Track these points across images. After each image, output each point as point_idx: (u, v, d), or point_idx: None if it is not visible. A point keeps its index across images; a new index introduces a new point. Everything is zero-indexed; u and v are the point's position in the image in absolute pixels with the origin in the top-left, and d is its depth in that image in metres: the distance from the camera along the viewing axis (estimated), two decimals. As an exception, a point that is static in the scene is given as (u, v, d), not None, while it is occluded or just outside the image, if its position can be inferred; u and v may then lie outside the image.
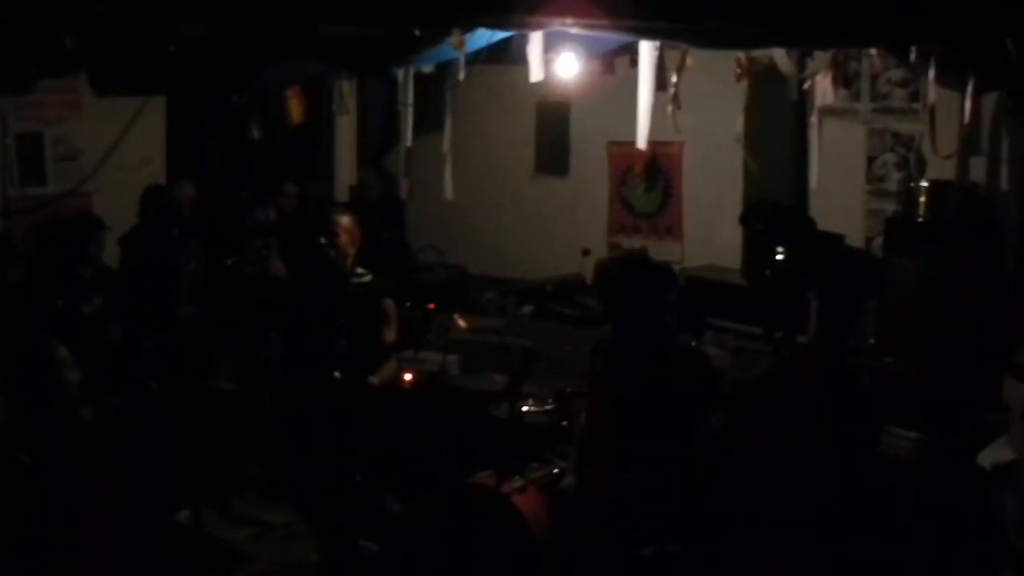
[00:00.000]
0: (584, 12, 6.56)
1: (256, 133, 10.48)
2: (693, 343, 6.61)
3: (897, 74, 9.17)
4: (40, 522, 6.06)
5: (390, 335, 8.37)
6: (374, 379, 8.09)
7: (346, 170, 11.54)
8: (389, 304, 8.35)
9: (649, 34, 7.26)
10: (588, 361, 6.36)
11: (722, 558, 5.03)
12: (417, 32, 7.37)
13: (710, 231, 10.38)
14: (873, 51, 8.38)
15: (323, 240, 7.90)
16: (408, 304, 9.18)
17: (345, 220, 8.06)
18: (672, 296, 6.06)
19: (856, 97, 9.38)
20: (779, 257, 8.43)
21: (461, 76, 8.21)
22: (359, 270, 8.26)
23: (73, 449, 6.42)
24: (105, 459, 6.82)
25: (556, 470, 6.64)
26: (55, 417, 6.45)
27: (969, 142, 8.21)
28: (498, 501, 6.48)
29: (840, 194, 9.33)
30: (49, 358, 6.47)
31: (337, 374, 7.86)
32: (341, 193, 11.40)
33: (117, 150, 9.80)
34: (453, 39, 7.54)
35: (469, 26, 7.32)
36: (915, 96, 9.08)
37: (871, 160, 9.43)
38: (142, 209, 9.21)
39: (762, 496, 2.85)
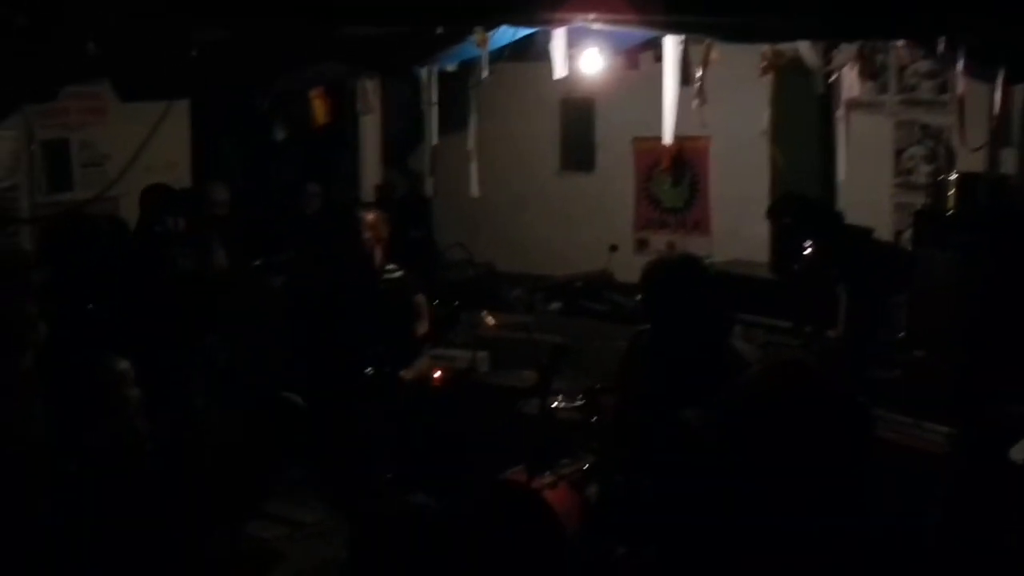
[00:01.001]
0: (608, 8, 6.53)
1: (280, 135, 10.50)
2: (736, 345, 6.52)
3: (925, 66, 9.12)
4: (88, 533, 6.07)
5: (423, 329, 8.39)
6: (406, 374, 8.12)
7: (371, 170, 11.55)
8: (420, 299, 8.39)
9: (673, 28, 7.23)
10: (624, 355, 6.30)
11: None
12: (440, 31, 7.35)
13: (738, 226, 10.35)
14: (900, 43, 8.32)
15: (350, 240, 7.95)
16: (436, 302, 9.20)
17: (370, 217, 8.12)
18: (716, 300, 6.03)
19: (883, 89, 9.34)
20: (807, 251, 8.38)
21: (485, 74, 8.19)
22: (390, 266, 8.30)
23: (129, 462, 6.44)
24: (161, 469, 6.85)
25: (587, 466, 6.63)
26: (111, 430, 6.48)
27: (999, 134, 8.15)
28: (529, 497, 6.48)
29: (868, 187, 9.29)
30: (107, 371, 6.47)
31: (369, 370, 7.89)
32: (367, 193, 11.41)
33: (142, 154, 9.82)
34: (476, 37, 7.53)
35: (492, 24, 7.30)
36: (943, 88, 9.02)
37: (899, 153, 9.39)
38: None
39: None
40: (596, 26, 7.06)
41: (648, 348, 5.98)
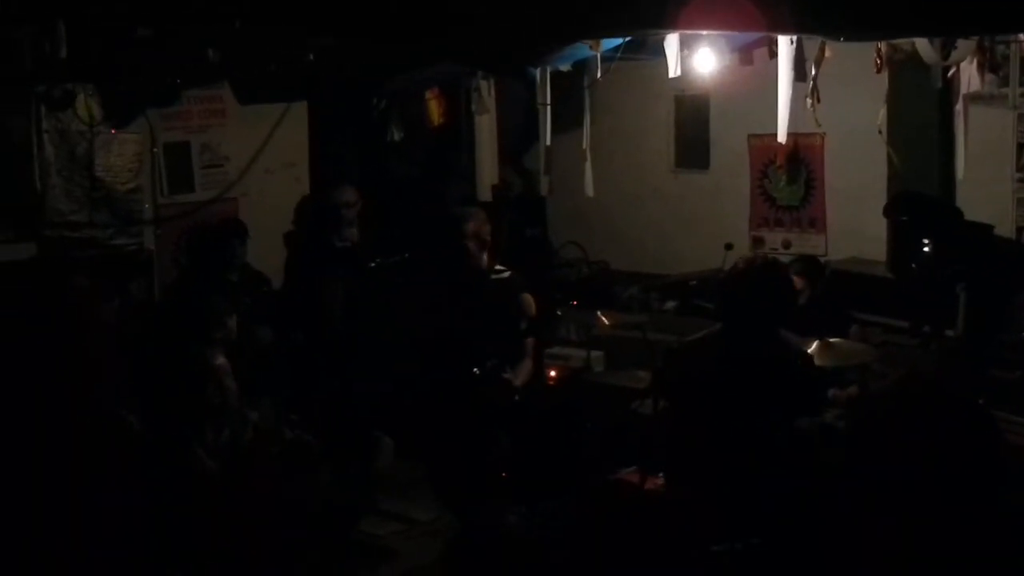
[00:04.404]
0: (717, 23, 6.53)
1: (396, 135, 10.62)
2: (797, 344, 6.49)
3: (1047, 56, 8.95)
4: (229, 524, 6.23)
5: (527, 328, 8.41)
6: (512, 377, 8.14)
7: (488, 169, 11.58)
8: (527, 299, 8.41)
9: (785, 29, 7.19)
10: (676, 364, 6.31)
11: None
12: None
13: (854, 223, 10.23)
14: (1021, 35, 8.17)
15: (457, 245, 8.04)
16: (556, 298, 9.25)
17: (472, 225, 8.21)
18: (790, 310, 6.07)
19: (1004, 82, 9.14)
20: (925, 249, 8.27)
21: (598, 75, 8.24)
22: (498, 267, 8.36)
23: (249, 454, 6.60)
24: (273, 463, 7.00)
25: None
26: (228, 423, 6.64)
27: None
28: (642, 498, 6.49)
29: (988, 183, 9.12)
30: (211, 367, 6.64)
31: (476, 370, 7.95)
32: (484, 192, 11.46)
33: (261, 156, 10.01)
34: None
35: (603, 36, 7.36)
36: (1066, 79, 8.84)
37: (1021, 147, 9.20)
38: (296, 218, 9.52)
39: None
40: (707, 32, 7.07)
41: (717, 353, 5.94)
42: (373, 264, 8.93)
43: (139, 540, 5.70)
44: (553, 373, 8.67)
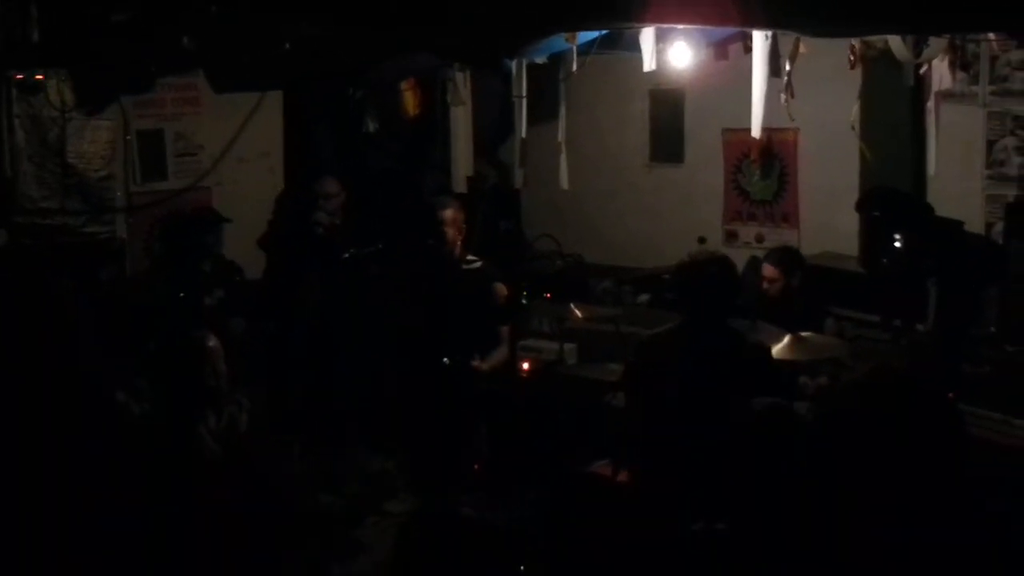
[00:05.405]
0: (693, 17, 6.55)
1: (372, 126, 10.60)
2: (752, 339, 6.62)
3: (1017, 56, 9.00)
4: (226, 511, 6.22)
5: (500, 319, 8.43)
6: (481, 365, 8.16)
7: (463, 161, 11.56)
8: (500, 288, 8.43)
9: (759, 24, 7.20)
10: (640, 359, 6.44)
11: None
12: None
13: (827, 218, 10.28)
14: (991, 34, 8.22)
15: (431, 242, 8.06)
16: (524, 293, 9.25)
17: (448, 213, 8.24)
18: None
19: (975, 80, 9.21)
20: (897, 244, 8.31)
21: (574, 68, 8.25)
22: (469, 257, 8.38)
23: (245, 440, 6.59)
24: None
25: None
26: (225, 407, 6.63)
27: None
28: (614, 490, 6.52)
29: (959, 180, 9.18)
30: (205, 350, 6.63)
31: (446, 360, 7.97)
32: (459, 184, 11.46)
33: (235, 145, 9.99)
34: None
35: (578, 28, 7.36)
36: (1036, 78, 8.91)
37: (991, 144, 9.26)
38: (276, 209, 9.52)
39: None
40: (682, 26, 7.09)
41: (679, 346, 6.10)
42: (347, 255, 8.91)
43: (140, 525, 5.69)
44: (526, 365, 8.67)
